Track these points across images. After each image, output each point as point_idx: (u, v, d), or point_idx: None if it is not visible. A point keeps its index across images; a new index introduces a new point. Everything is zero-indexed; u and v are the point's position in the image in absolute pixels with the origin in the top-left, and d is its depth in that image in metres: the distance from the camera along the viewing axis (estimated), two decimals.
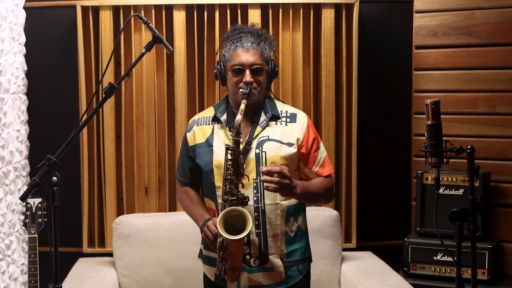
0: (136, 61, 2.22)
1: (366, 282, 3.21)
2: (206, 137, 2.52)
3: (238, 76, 2.43)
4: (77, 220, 3.60)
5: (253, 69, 2.42)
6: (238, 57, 2.43)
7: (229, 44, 2.48)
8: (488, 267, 3.38)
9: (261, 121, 2.49)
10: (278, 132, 2.49)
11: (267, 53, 2.48)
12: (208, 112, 2.62)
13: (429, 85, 3.77)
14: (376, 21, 3.77)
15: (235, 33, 2.50)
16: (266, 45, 2.49)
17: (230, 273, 2.37)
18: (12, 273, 3.32)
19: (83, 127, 2.07)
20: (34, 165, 3.62)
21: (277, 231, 2.46)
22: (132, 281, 3.39)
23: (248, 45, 2.44)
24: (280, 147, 2.45)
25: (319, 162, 2.53)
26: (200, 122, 2.58)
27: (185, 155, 2.60)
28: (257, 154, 2.43)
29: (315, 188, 2.48)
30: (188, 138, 2.58)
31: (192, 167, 2.59)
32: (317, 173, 2.53)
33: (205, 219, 2.46)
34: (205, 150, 2.50)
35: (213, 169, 2.46)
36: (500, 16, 3.59)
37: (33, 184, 1.87)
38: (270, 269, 2.47)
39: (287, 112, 2.56)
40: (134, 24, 3.54)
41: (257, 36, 2.48)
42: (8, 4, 3.30)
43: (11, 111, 3.32)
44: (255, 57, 2.43)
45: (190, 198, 2.62)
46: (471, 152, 2.49)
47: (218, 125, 2.53)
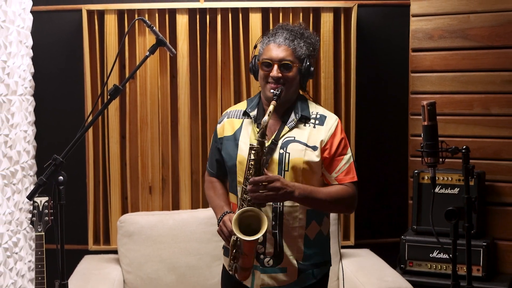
0: (140, 64, 2.22)
1: (364, 278, 3.21)
2: (234, 131, 2.45)
3: (267, 70, 2.35)
4: (82, 218, 3.60)
5: (282, 64, 2.33)
6: (269, 52, 2.36)
7: (265, 38, 2.42)
8: (482, 264, 3.38)
9: (290, 121, 2.39)
10: (305, 134, 2.38)
11: (301, 51, 2.37)
12: (241, 105, 2.54)
13: (426, 87, 3.77)
14: (373, 24, 3.77)
15: (274, 29, 2.44)
16: (302, 42, 2.38)
17: (241, 272, 2.33)
18: (20, 270, 3.32)
19: (89, 128, 2.07)
20: (41, 165, 3.62)
21: (294, 233, 2.38)
22: (136, 277, 3.39)
23: (280, 40, 2.35)
24: (305, 150, 2.35)
25: (341, 168, 2.39)
26: (231, 115, 2.51)
27: (214, 146, 2.55)
28: (280, 154, 2.34)
29: (323, 195, 2.33)
30: (218, 130, 2.52)
31: (219, 159, 2.52)
32: (337, 179, 2.39)
33: (223, 213, 2.40)
34: (231, 144, 2.44)
35: (236, 164, 2.40)
36: (494, 20, 3.59)
37: (40, 183, 1.87)
38: (283, 269, 2.39)
39: (317, 113, 2.44)
40: (138, 28, 3.54)
41: (293, 33, 2.38)
42: (15, 8, 3.30)
43: (18, 112, 3.32)
44: (285, 53, 2.34)
45: (214, 189, 2.56)
46: (466, 152, 2.49)
47: (248, 120, 2.45)
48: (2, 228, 3.08)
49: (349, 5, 3.58)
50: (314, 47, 2.43)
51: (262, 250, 2.37)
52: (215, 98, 3.61)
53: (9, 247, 3.17)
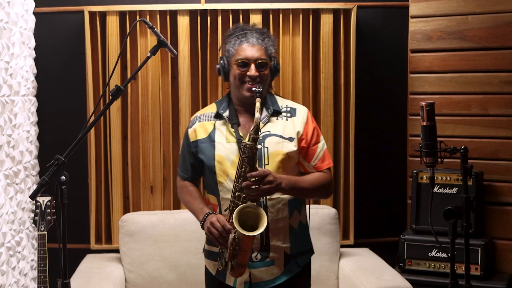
0: (141, 65, 2.22)
1: (363, 277, 3.20)
2: (208, 133, 2.47)
3: (243, 69, 2.39)
4: (85, 217, 3.60)
5: (258, 63, 2.39)
6: (244, 52, 2.40)
7: (233, 39, 2.45)
8: (481, 263, 3.38)
9: (263, 117, 2.44)
10: (280, 127, 2.45)
11: (270, 50, 2.46)
12: (210, 108, 2.58)
13: (424, 88, 3.77)
14: (373, 26, 3.76)
15: (239, 30, 2.48)
16: (270, 42, 2.47)
17: (238, 269, 2.32)
18: (22, 268, 3.32)
19: (91, 128, 2.07)
20: (43, 164, 3.62)
21: (280, 225, 2.42)
22: (138, 276, 3.39)
23: (253, 40, 2.42)
24: (282, 142, 2.41)
25: (318, 155, 2.48)
26: (202, 118, 2.53)
27: (187, 150, 2.55)
28: (259, 149, 2.37)
29: (306, 183, 2.41)
30: (189, 134, 2.54)
31: (194, 163, 2.53)
32: (315, 167, 2.48)
33: (205, 214, 2.41)
34: (207, 146, 2.46)
35: (215, 164, 2.42)
36: (493, 21, 3.59)
37: (43, 183, 1.87)
38: (271, 262, 2.43)
39: (287, 106, 2.52)
40: (139, 29, 3.54)
41: (261, 33, 2.46)
42: (18, 9, 3.30)
43: (21, 112, 3.32)
44: (260, 52, 2.41)
45: (189, 193, 2.56)
46: (465, 152, 2.49)
47: (220, 121, 2.49)
48: (5, 228, 3.08)
49: (348, 7, 3.58)
50: (276, 46, 2.52)
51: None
52: (215, 98, 3.60)
53: (12, 246, 3.17)
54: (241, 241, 2.24)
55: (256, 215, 2.24)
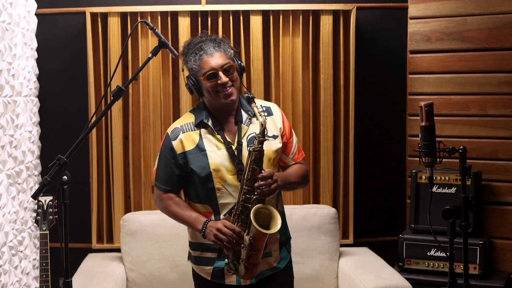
0: (143, 65, 2.22)
1: (363, 276, 3.20)
2: (196, 143, 2.44)
3: (213, 81, 2.37)
4: (86, 217, 3.60)
5: (225, 69, 2.38)
6: (207, 64, 2.38)
7: (192, 57, 2.42)
8: (479, 262, 3.38)
9: (245, 120, 2.48)
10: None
11: (229, 52, 2.45)
12: (188, 118, 2.52)
13: (423, 88, 3.77)
14: (372, 27, 3.76)
15: (193, 46, 2.45)
16: (226, 45, 2.46)
17: (251, 269, 2.32)
18: (25, 267, 3.32)
19: (92, 128, 2.07)
20: (45, 164, 3.62)
21: None
22: (139, 275, 3.39)
23: (211, 50, 2.40)
24: (269, 141, 2.44)
25: (295, 148, 2.57)
26: (185, 129, 2.48)
27: (172, 163, 2.46)
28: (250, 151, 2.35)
29: (294, 177, 2.51)
30: (174, 147, 2.45)
31: (181, 174, 2.47)
32: (293, 159, 2.57)
33: (204, 222, 2.39)
34: (198, 156, 2.43)
35: (211, 172, 2.40)
36: (491, 22, 3.59)
37: (45, 182, 1.87)
38: (269, 254, 2.48)
39: (262, 106, 2.54)
40: (141, 30, 3.54)
41: (214, 41, 2.44)
42: (20, 10, 3.30)
43: (23, 113, 3.32)
44: (222, 58, 2.39)
45: (177, 204, 2.51)
46: (463, 152, 2.49)
47: (204, 130, 2.46)
48: (7, 227, 3.09)
49: (348, 8, 3.58)
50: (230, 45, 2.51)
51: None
52: None
53: (14, 246, 3.17)
54: (256, 241, 2.27)
55: (268, 214, 2.30)
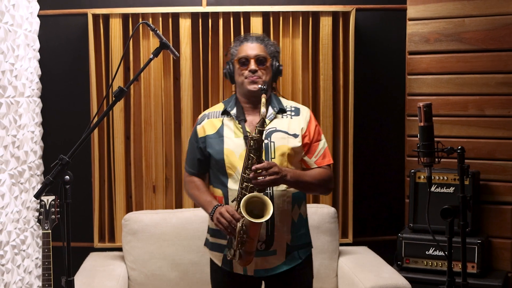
0: (144, 66, 2.22)
1: (362, 275, 3.20)
2: (217, 129, 2.57)
3: (244, 66, 2.53)
4: (88, 216, 3.60)
5: (258, 59, 2.52)
6: (244, 50, 2.54)
7: (236, 43, 2.63)
8: (477, 261, 3.38)
9: (269, 114, 2.54)
10: (285, 124, 2.55)
11: (271, 49, 2.59)
12: (218, 107, 2.67)
13: (422, 89, 3.77)
14: (371, 28, 3.77)
15: (242, 36, 2.66)
16: (269, 43, 2.62)
17: (245, 256, 2.39)
18: (27, 266, 3.32)
19: (94, 129, 2.07)
20: (48, 164, 3.62)
21: (284, 217, 2.50)
22: (140, 274, 3.39)
23: (253, 39, 2.58)
24: (287, 137, 2.51)
25: (319, 152, 2.58)
26: (211, 116, 2.63)
27: (195, 146, 2.63)
28: (266, 144, 2.47)
29: (309, 178, 2.50)
30: (198, 131, 2.62)
31: (201, 158, 2.62)
32: (316, 163, 2.57)
33: (214, 206, 2.49)
34: (216, 140, 2.55)
35: (224, 157, 2.50)
36: (489, 24, 3.59)
37: (47, 182, 1.88)
38: (274, 252, 2.50)
39: (291, 106, 2.64)
40: (142, 31, 3.54)
41: (259, 36, 2.64)
42: (23, 12, 3.31)
43: (26, 113, 3.33)
44: (259, 49, 2.54)
45: (197, 187, 2.63)
46: (462, 152, 2.49)
47: (228, 118, 2.58)
48: (10, 226, 3.09)
49: (347, 9, 3.58)
50: (278, 49, 2.67)
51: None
52: (217, 99, 3.61)
53: (17, 245, 3.17)
54: (248, 229, 2.32)
55: (262, 204, 2.32)
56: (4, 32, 3.02)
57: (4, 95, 3.03)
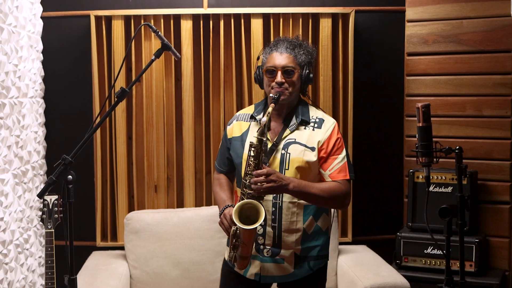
0: (146, 67, 2.22)
1: (361, 273, 3.20)
2: (242, 132, 2.54)
3: (271, 76, 2.45)
4: (91, 215, 3.60)
5: (285, 70, 2.43)
6: (272, 60, 2.45)
7: (267, 49, 2.54)
8: (475, 259, 3.38)
9: (291, 124, 2.47)
10: (305, 136, 2.46)
11: (301, 59, 2.48)
12: (249, 110, 2.63)
13: (420, 90, 3.77)
14: (370, 29, 3.76)
15: (275, 40, 2.56)
16: (302, 51, 2.49)
17: (240, 261, 2.39)
18: (30, 265, 3.32)
19: (97, 129, 2.07)
20: (51, 164, 3.62)
21: (293, 227, 2.44)
22: (142, 272, 3.39)
23: (282, 49, 2.46)
24: (304, 150, 2.42)
25: (335, 166, 2.44)
26: (240, 118, 2.60)
27: (224, 146, 2.62)
28: (282, 154, 2.43)
29: (316, 190, 2.37)
30: (228, 131, 2.61)
31: (229, 157, 2.60)
32: (330, 176, 2.44)
33: (224, 206, 2.48)
34: (238, 144, 2.53)
35: (242, 162, 2.47)
36: (487, 25, 3.59)
37: (50, 182, 1.87)
38: (280, 260, 2.46)
39: (316, 117, 2.52)
40: (144, 33, 3.54)
41: (291, 43, 2.49)
42: (26, 14, 3.31)
43: (29, 114, 3.33)
44: (287, 60, 2.44)
45: (220, 185, 2.63)
46: (459, 152, 2.49)
47: (254, 123, 2.54)
48: (13, 225, 3.09)
49: (347, 11, 3.58)
50: (312, 55, 2.54)
51: (262, 241, 2.45)
52: (218, 100, 3.61)
53: (20, 244, 3.17)
54: (241, 234, 2.31)
55: (256, 210, 2.28)
56: (7, 34, 3.02)
57: (7, 95, 3.03)
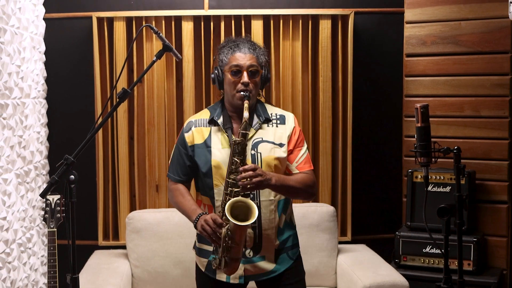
0: (147, 68, 2.22)
1: (360, 272, 3.20)
2: (205, 139, 2.49)
3: (236, 77, 2.43)
4: (93, 215, 3.60)
5: (250, 71, 2.43)
6: (236, 60, 2.44)
7: (226, 50, 2.50)
8: (473, 258, 3.38)
9: (254, 124, 2.48)
10: (271, 133, 2.49)
11: (261, 59, 2.51)
12: (204, 114, 2.59)
13: (419, 90, 3.77)
14: (369, 31, 3.76)
15: (231, 41, 2.54)
16: (260, 52, 2.53)
17: (231, 264, 2.32)
18: (33, 264, 3.33)
19: (99, 129, 2.07)
20: (53, 164, 3.62)
21: (270, 224, 2.47)
22: (144, 271, 3.39)
23: (245, 50, 2.47)
24: (274, 148, 2.46)
25: (301, 158, 2.52)
26: (198, 124, 2.55)
27: (183, 153, 2.53)
28: (252, 155, 2.42)
29: (293, 182, 2.44)
30: (186, 138, 2.53)
31: (191, 165, 2.53)
32: (297, 167, 2.51)
33: (198, 214, 2.41)
34: (203, 151, 2.48)
35: (212, 169, 2.44)
36: (484, 27, 3.59)
37: (52, 182, 1.87)
38: (263, 258, 2.49)
39: (276, 114, 2.56)
40: (145, 34, 3.54)
41: (252, 44, 2.53)
42: (29, 15, 3.31)
43: (32, 114, 3.33)
44: (252, 61, 2.45)
45: (182, 195, 2.54)
46: (458, 152, 2.49)
47: (215, 127, 2.51)
48: (16, 225, 3.09)
49: (346, 13, 3.58)
50: (267, 56, 2.59)
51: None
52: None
53: (23, 243, 3.17)
54: (234, 234, 2.26)
55: (247, 208, 2.26)
56: (10, 35, 3.02)
57: (10, 96, 3.03)
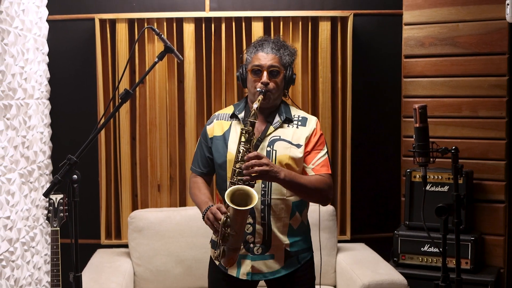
0: (149, 69, 2.22)
1: (360, 271, 3.20)
2: (224, 131, 2.49)
3: (256, 76, 2.43)
4: (95, 214, 3.60)
5: (271, 71, 2.42)
6: (258, 60, 2.43)
7: (252, 48, 2.50)
8: (471, 257, 3.38)
9: (275, 122, 2.47)
10: (289, 133, 2.46)
11: (286, 60, 2.47)
12: (228, 109, 2.59)
13: (417, 91, 3.77)
14: (368, 32, 3.76)
15: (259, 40, 2.53)
16: (286, 52, 2.49)
17: (229, 253, 2.27)
18: (36, 262, 3.33)
19: (101, 130, 2.07)
20: (56, 164, 3.62)
21: (281, 223, 2.44)
22: (146, 270, 3.39)
23: (268, 50, 2.45)
24: (290, 147, 2.42)
25: (318, 160, 2.46)
26: (220, 117, 2.55)
27: (204, 145, 2.56)
28: (268, 152, 2.41)
29: (305, 180, 2.37)
30: (208, 130, 2.55)
31: (211, 156, 2.54)
32: (314, 170, 2.45)
33: (207, 206, 2.39)
34: (221, 143, 2.48)
35: (226, 161, 2.44)
36: (482, 28, 3.58)
37: (55, 181, 1.87)
38: (272, 256, 2.46)
39: (299, 116, 2.53)
40: (147, 36, 3.55)
41: (278, 44, 2.49)
42: (32, 17, 3.31)
43: (35, 115, 3.33)
44: (273, 61, 2.43)
45: (198, 188, 2.54)
46: (456, 152, 2.49)
47: (236, 121, 2.51)
48: (19, 224, 3.09)
49: (345, 15, 3.58)
50: (294, 56, 2.54)
51: (252, 240, 2.43)
52: (219, 101, 3.61)
53: (26, 242, 3.18)
54: (233, 221, 2.21)
55: (247, 195, 2.21)
56: (14, 37, 3.02)
57: (14, 97, 3.03)
